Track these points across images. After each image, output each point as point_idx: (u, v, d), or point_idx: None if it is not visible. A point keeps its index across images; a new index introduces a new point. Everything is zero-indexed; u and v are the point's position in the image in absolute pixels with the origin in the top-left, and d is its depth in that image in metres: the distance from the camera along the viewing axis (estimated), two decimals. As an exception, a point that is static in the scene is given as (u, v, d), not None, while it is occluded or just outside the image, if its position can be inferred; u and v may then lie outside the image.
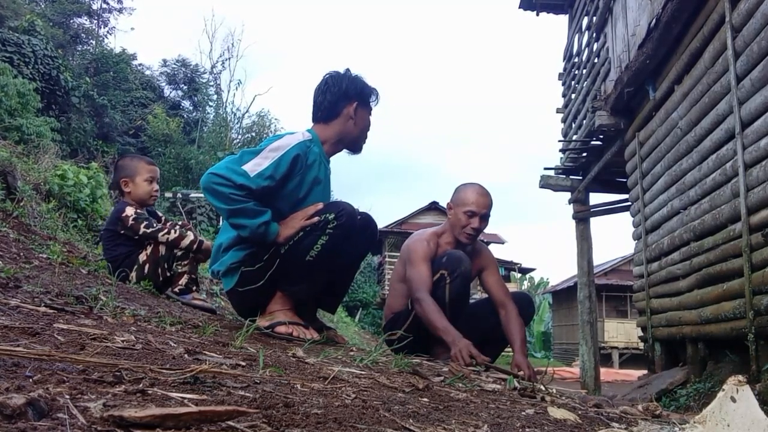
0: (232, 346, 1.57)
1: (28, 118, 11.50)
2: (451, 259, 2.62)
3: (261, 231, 2.20)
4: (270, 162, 2.20)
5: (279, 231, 2.25)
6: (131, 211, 2.98)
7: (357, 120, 2.46)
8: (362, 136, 2.52)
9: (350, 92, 2.45)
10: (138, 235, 2.97)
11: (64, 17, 22.64)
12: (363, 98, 2.48)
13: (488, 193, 2.80)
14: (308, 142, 2.37)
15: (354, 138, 2.50)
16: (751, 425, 0.98)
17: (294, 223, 2.27)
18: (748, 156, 4.07)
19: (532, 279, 31.90)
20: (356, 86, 2.47)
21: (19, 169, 5.18)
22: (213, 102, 26.88)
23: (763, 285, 3.84)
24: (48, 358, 0.95)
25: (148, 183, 3.08)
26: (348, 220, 2.24)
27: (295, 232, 2.24)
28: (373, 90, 2.52)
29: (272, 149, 2.25)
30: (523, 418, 1.21)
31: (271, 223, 2.23)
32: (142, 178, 3.08)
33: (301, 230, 2.24)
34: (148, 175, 3.09)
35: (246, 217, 2.17)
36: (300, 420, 0.85)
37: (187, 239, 3.00)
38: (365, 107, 2.49)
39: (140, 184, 3.08)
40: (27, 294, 1.72)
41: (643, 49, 5.55)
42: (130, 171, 3.11)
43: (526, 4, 9.31)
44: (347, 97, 2.45)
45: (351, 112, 2.45)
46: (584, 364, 8.08)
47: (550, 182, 8.61)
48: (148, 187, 3.08)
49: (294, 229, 2.25)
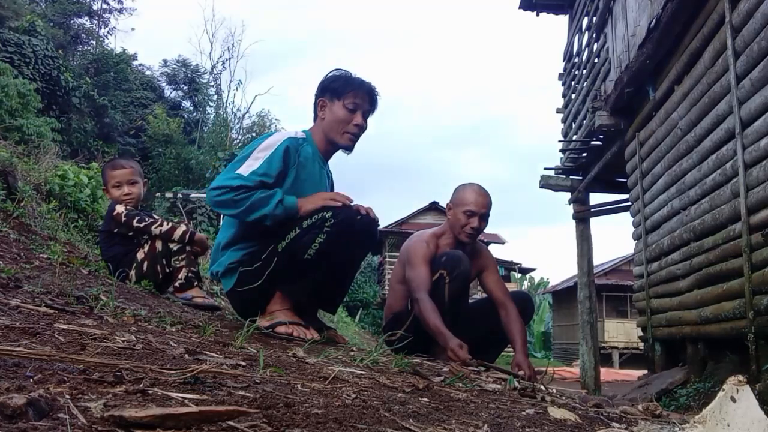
0: (232, 346, 1.57)
1: (29, 119, 11.51)
2: (450, 258, 2.62)
3: (279, 212, 2.20)
4: (261, 161, 2.23)
5: (298, 204, 2.23)
6: (121, 208, 3.03)
7: (327, 114, 2.44)
8: (335, 129, 2.44)
9: (318, 89, 2.48)
10: (132, 230, 2.99)
11: (65, 17, 22.64)
12: (331, 91, 2.44)
13: (487, 193, 2.81)
14: (300, 139, 2.40)
15: (328, 133, 2.45)
16: (751, 425, 0.98)
17: (316, 200, 2.25)
18: (748, 156, 4.08)
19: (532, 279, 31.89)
20: (326, 81, 2.47)
21: (20, 169, 5.18)
22: (213, 102, 26.88)
23: (763, 285, 3.84)
24: (48, 358, 0.95)
25: (117, 188, 3.13)
26: (345, 218, 2.22)
27: (315, 207, 2.22)
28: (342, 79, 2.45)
29: (261, 149, 2.28)
30: (523, 418, 1.21)
31: (285, 198, 2.22)
32: (111, 185, 3.14)
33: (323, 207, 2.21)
34: (114, 182, 3.14)
35: (260, 207, 2.18)
36: (300, 420, 0.85)
37: (180, 230, 3.03)
38: (333, 100, 2.43)
39: (111, 191, 3.15)
40: (27, 294, 1.72)
41: (643, 49, 5.55)
42: (103, 181, 3.23)
43: (526, 4, 9.31)
44: (317, 95, 2.48)
45: (320, 108, 2.46)
46: (584, 364, 8.08)
47: (550, 182, 8.61)
48: (117, 192, 3.12)
49: (315, 204, 2.23)
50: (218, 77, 27.56)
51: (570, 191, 8.56)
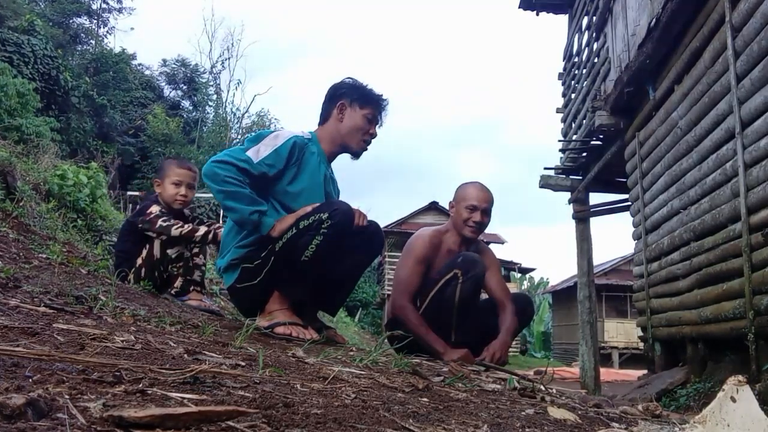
0: (231, 346, 1.57)
1: (28, 118, 11.50)
2: (465, 260, 2.64)
3: (254, 218, 2.23)
4: (271, 150, 2.29)
5: (274, 225, 2.27)
6: (156, 209, 3.00)
7: (344, 118, 2.51)
8: (352, 135, 2.52)
9: (338, 92, 2.54)
10: (154, 230, 2.97)
11: (64, 17, 22.62)
12: (351, 97, 2.52)
13: (488, 189, 2.84)
14: (306, 138, 2.45)
15: (344, 137, 2.52)
16: (751, 425, 0.98)
17: (289, 219, 2.29)
18: (748, 156, 4.07)
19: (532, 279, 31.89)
20: (346, 86, 2.55)
21: (19, 169, 5.18)
22: (213, 102, 26.89)
23: (763, 285, 3.84)
24: (48, 358, 0.95)
25: (175, 186, 3.07)
26: (342, 219, 2.23)
27: (289, 225, 2.26)
28: (367, 91, 2.55)
29: (272, 138, 2.35)
30: (523, 418, 1.21)
31: (267, 216, 2.26)
32: (170, 181, 3.09)
33: (296, 222, 2.25)
34: (176, 178, 3.08)
35: (239, 201, 2.21)
36: (300, 420, 0.85)
37: (201, 231, 3.02)
38: (354, 107, 2.52)
39: (167, 186, 3.09)
40: (27, 294, 1.71)
41: (643, 48, 5.55)
42: (162, 173, 3.15)
43: (526, 4, 9.31)
44: (336, 97, 2.53)
45: (338, 110, 2.52)
46: (584, 364, 8.08)
47: (550, 182, 8.61)
48: (173, 190, 3.07)
49: (289, 223, 2.27)
50: (217, 77, 27.58)
51: (570, 191, 8.56)
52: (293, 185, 2.37)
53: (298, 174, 2.38)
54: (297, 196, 2.36)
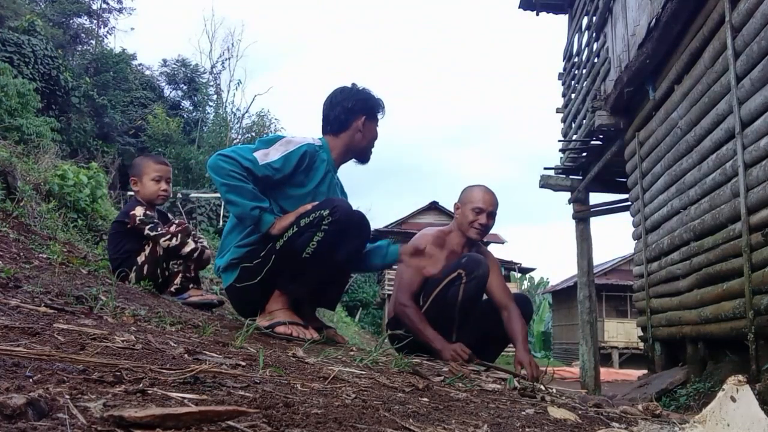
0: (232, 346, 1.57)
1: (28, 118, 11.50)
2: (470, 260, 2.66)
3: (255, 214, 2.24)
4: (280, 155, 2.30)
5: (274, 222, 2.28)
6: (140, 211, 2.96)
7: (365, 132, 2.58)
8: (370, 146, 2.64)
9: (358, 106, 2.57)
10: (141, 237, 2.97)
11: (64, 17, 22.64)
12: (371, 111, 2.59)
13: (494, 193, 2.87)
14: (317, 147, 2.46)
15: (362, 149, 2.62)
16: (751, 425, 0.98)
17: (290, 217, 2.30)
18: (748, 156, 4.07)
19: (532, 279, 31.92)
20: (364, 100, 2.59)
21: (19, 169, 5.18)
22: (213, 102, 26.89)
23: (763, 285, 3.84)
24: (48, 358, 0.95)
25: (155, 182, 3.05)
26: (342, 215, 2.25)
27: (290, 223, 2.27)
28: (380, 102, 2.64)
29: (284, 143, 2.36)
30: (523, 417, 1.21)
31: (267, 212, 2.27)
32: (149, 177, 3.06)
33: (296, 220, 2.26)
34: (155, 174, 3.06)
35: (241, 196, 2.22)
36: (300, 420, 0.85)
37: (188, 247, 3.00)
38: (373, 119, 2.61)
39: (147, 183, 3.06)
40: (27, 294, 1.72)
41: (643, 48, 5.55)
42: (138, 169, 3.10)
43: (526, 4, 9.31)
44: (356, 111, 2.56)
45: (359, 125, 2.56)
46: (584, 364, 8.08)
47: (550, 182, 8.61)
48: (154, 186, 3.05)
49: (289, 221, 2.28)
50: (218, 77, 27.61)
51: (570, 191, 8.56)
52: (298, 190, 2.38)
53: (305, 181, 2.40)
54: (301, 201, 2.37)
